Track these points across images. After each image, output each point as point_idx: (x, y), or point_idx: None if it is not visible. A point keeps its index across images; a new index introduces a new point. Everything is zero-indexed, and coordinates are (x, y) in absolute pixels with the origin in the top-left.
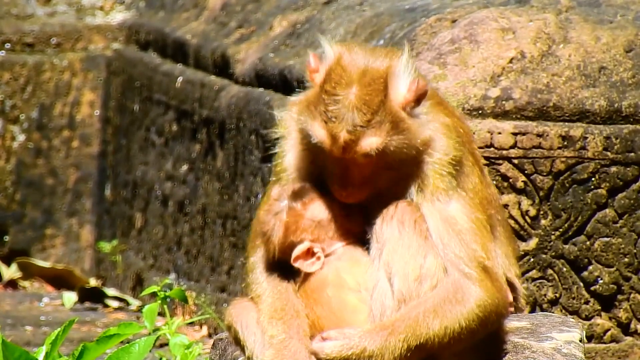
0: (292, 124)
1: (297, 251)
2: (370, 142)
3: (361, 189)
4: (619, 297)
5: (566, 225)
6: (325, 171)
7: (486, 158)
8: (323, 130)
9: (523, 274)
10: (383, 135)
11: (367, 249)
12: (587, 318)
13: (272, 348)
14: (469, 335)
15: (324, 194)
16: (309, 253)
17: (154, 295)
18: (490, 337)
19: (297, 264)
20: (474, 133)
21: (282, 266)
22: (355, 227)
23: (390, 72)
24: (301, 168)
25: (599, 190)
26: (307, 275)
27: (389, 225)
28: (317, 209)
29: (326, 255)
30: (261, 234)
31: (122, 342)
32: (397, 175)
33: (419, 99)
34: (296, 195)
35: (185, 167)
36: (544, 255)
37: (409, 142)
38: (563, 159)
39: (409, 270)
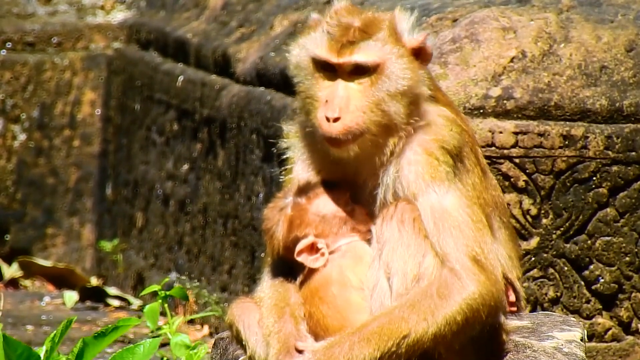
0: (298, 133)
1: (301, 245)
2: (368, 50)
3: (350, 123)
4: (620, 296)
5: (567, 224)
6: (331, 174)
7: (487, 157)
8: (324, 39)
9: (524, 273)
10: (381, 53)
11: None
12: (588, 317)
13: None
14: (455, 330)
15: (330, 190)
16: (313, 248)
17: (155, 294)
18: (492, 336)
19: (300, 258)
20: (474, 133)
21: (286, 271)
22: (361, 224)
23: (396, 18)
24: (309, 176)
25: (600, 190)
26: (311, 273)
27: (389, 225)
28: (322, 204)
29: (330, 252)
30: (265, 230)
31: (122, 341)
32: (384, 143)
33: (424, 55)
34: (301, 191)
35: (186, 167)
36: (545, 255)
37: (408, 81)
38: (564, 158)
39: (408, 270)
